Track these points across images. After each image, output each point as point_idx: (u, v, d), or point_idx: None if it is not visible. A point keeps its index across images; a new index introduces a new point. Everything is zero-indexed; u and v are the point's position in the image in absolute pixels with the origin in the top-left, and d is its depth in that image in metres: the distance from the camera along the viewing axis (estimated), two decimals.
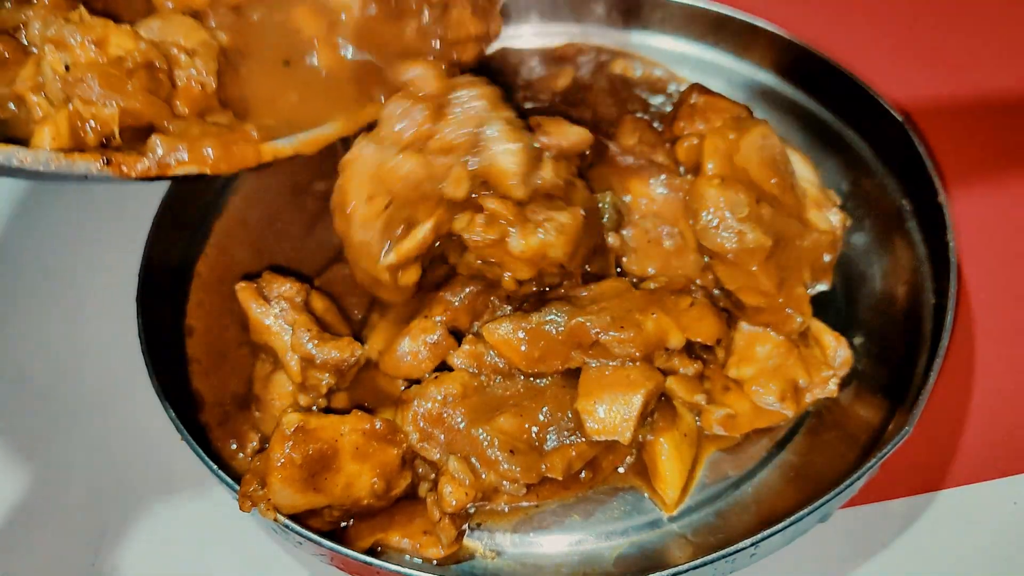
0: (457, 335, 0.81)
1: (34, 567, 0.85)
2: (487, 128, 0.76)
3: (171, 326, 0.88)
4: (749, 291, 0.80)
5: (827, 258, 0.84)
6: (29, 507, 0.89)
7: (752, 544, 0.69)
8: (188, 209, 0.95)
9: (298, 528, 0.71)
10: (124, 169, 0.64)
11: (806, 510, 0.69)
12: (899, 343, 0.84)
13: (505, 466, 0.73)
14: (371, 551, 0.75)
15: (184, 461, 0.86)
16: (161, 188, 0.92)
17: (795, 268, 0.80)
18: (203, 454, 0.76)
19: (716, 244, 0.80)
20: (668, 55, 1.06)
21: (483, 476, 0.73)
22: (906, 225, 0.89)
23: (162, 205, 0.91)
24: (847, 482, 0.70)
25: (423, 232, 0.76)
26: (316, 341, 0.78)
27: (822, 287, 0.83)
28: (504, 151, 0.75)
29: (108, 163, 0.63)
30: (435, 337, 0.79)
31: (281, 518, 0.71)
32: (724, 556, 0.68)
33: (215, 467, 0.75)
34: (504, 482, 0.73)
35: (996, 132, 1.07)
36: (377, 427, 0.74)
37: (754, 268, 0.77)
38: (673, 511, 0.78)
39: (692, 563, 0.68)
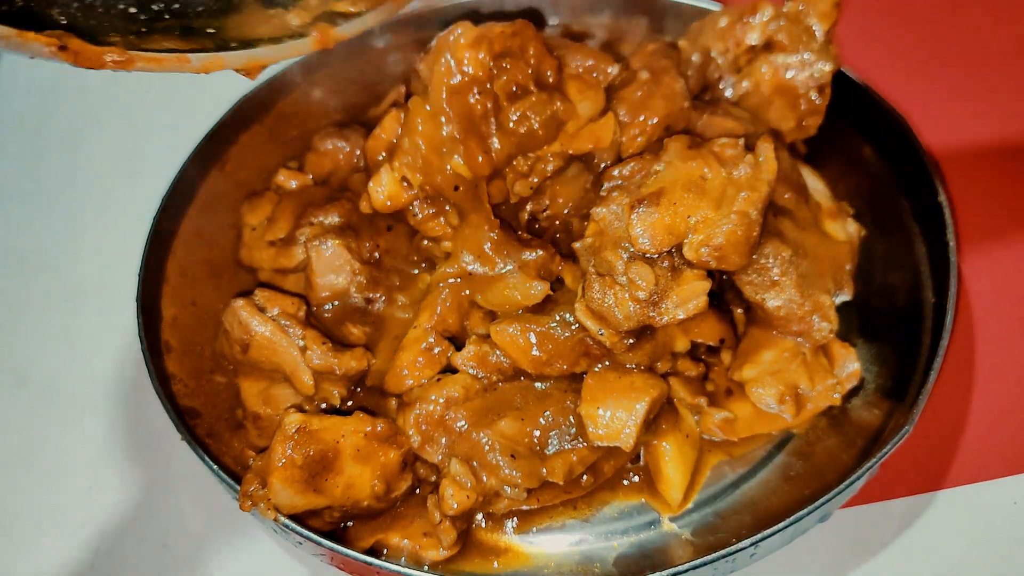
0: (452, 342, 0.80)
1: (34, 567, 0.85)
2: None
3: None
4: (773, 301, 0.79)
5: (847, 268, 0.83)
6: (29, 507, 0.89)
7: (752, 544, 0.69)
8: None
9: (298, 528, 0.71)
10: (80, 58, 0.62)
11: (806, 510, 0.69)
12: (899, 343, 0.83)
13: (506, 471, 0.72)
14: (371, 551, 0.74)
15: (184, 461, 0.86)
16: (162, 187, 0.92)
17: (818, 277, 0.79)
18: (203, 454, 0.76)
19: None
20: None
21: (484, 480, 0.73)
22: (906, 225, 0.89)
23: (162, 204, 0.91)
24: (847, 482, 0.70)
25: None
26: (331, 354, 0.78)
27: (844, 297, 0.82)
28: None
29: (63, 49, 0.62)
30: (429, 343, 0.79)
31: (281, 518, 0.71)
32: (724, 556, 0.68)
33: (215, 467, 0.75)
34: (505, 487, 0.73)
35: (996, 132, 1.07)
36: (378, 429, 0.74)
37: (776, 278, 0.76)
38: (677, 512, 0.78)
39: (692, 563, 0.68)
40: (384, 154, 0.83)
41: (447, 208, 0.81)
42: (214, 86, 1.19)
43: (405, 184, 0.80)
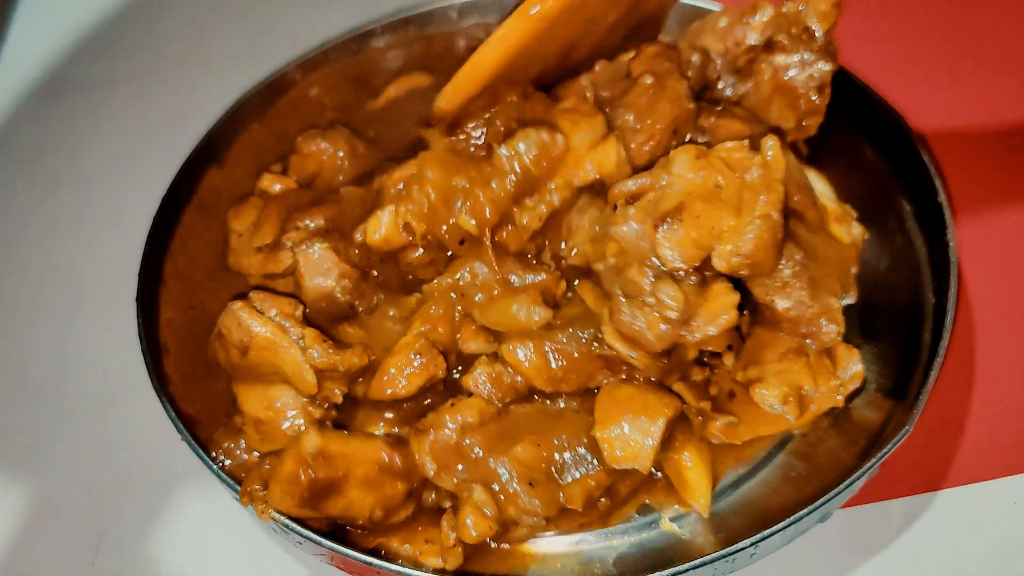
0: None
1: (34, 567, 0.85)
2: None
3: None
4: (783, 303, 0.78)
5: (853, 270, 0.83)
6: (29, 507, 0.89)
7: (752, 544, 0.69)
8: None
9: (298, 528, 0.71)
10: None
11: (806, 510, 0.69)
12: (899, 343, 0.83)
13: (524, 499, 0.72)
14: (371, 552, 0.74)
15: (184, 461, 0.86)
16: (161, 187, 0.92)
17: (825, 279, 0.79)
18: (203, 454, 0.76)
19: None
20: None
21: (504, 510, 0.72)
22: (906, 225, 0.89)
23: (161, 204, 0.91)
24: (847, 482, 0.70)
25: None
26: (332, 351, 0.78)
27: (849, 300, 0.81)
28: None
29: None
30: (418, 351, 0.78)
31: (280, 518, 0.71)
32: (724, 556, 0.68)
33: (215, 467, 0.75)
34: (524, 516, 0.72)
35: (997, 131, 1.07)
36: (396, 463, 0.73)
37: (787, 279, 0.76)
38: (707, 515, 0.77)
39: (692, 563, 0.68)
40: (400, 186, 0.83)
41: (441, 257, 0.82)
42: (212, 88, 1.19)
43: (405, 230, 0.80)
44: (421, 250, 0.81)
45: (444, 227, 0.78)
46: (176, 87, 1.27)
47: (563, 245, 0.82)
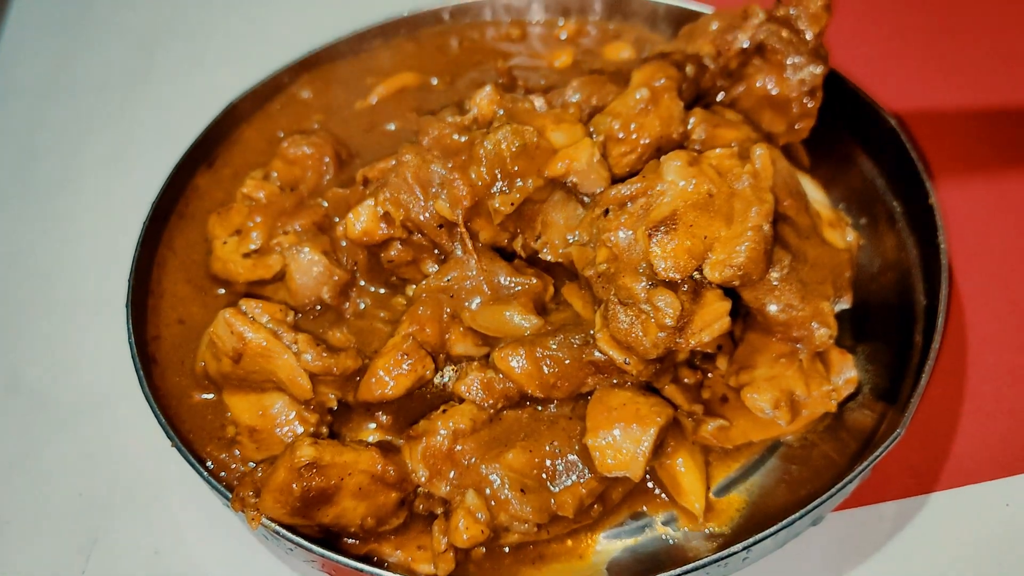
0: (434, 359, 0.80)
1: (25, 572, 0.85)
2: None
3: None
4: (773, 306, 0.78)
5: (847, 275, 0.83)
6: (20, 513, 0.89)
7: (744, 548, 0.69)
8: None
9: (289, 535, 0.71)
10: None
11: (798, 513, 0.69)
12: (891, 345, 0.83)
13: (516, 505, 0.71)
14: (362, 558, 0.74)
15: (176, 465, 0.86)
16: (153, 190, 0.92)
17: (818, 284, 0.79)
18: (193, 460, 0.75)
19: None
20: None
21: (495, 515, 0.72)
22: (897, 227, 0.89)
23: (151, 212, 0.91)
24: (839, 485, 0.70)
25: None
26: (326, 354, 0.78)
27: (844, 305, 0.81)
28: None
29: None
30: (407, 352, 0.77)
31: (271, 524, 0.71)
32: (716, 560, 0.68)
33: (204, 473, 0.75)
34: (515, 522, 0.72)
35: (988, 134, 1.07)
36: (389, 473, 0.73)
37: (776, 283, 0.76)
38: (702, 518, 0.77)
39: (684, 567, 0.68)
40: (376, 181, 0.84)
41: (423, 255, 0.82)
42: (206, 92, 1.19)
43: (384, 221, 0.80)
44: (400, 245, 0.81)
45: (422, 214, 0.78)
46: (170, 92, 1.27)
47: (537, 240, 0.82)
